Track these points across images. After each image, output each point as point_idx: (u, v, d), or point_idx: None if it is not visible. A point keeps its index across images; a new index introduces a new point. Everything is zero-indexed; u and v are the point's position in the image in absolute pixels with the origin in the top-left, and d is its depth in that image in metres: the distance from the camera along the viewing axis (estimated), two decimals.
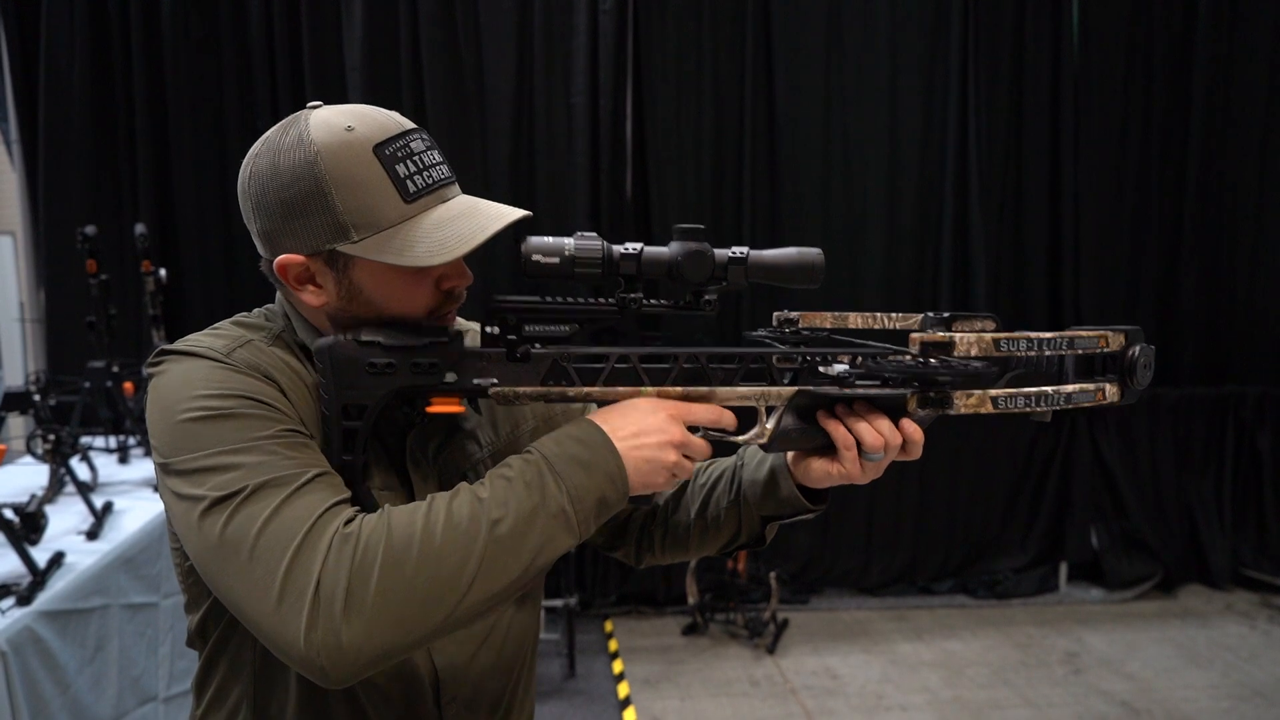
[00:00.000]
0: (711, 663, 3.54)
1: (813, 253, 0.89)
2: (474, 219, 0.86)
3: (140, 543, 2.36)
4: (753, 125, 3.98)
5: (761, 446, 0.91)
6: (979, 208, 4.09)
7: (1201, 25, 4.13)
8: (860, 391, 0.87)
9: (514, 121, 3.88)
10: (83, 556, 2.21)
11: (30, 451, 2.58)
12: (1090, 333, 0.83)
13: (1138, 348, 0.84)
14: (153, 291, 3.17)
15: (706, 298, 0.88)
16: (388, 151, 0.85)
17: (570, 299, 0.85)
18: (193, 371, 0.84)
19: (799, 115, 4.03)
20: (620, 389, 0.85)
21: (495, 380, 0.82)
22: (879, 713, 3.15)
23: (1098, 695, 3.27)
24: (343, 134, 0.85)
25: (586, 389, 0.84)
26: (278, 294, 0.98)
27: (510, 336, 0.83)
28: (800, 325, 0.91)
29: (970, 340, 0.77)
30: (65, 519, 2.45)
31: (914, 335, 0.80)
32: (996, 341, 0.78)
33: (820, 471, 0.96)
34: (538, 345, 0.84)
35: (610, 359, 0.85)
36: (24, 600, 1.91)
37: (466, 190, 0.93)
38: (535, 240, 0.82)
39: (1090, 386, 0.82)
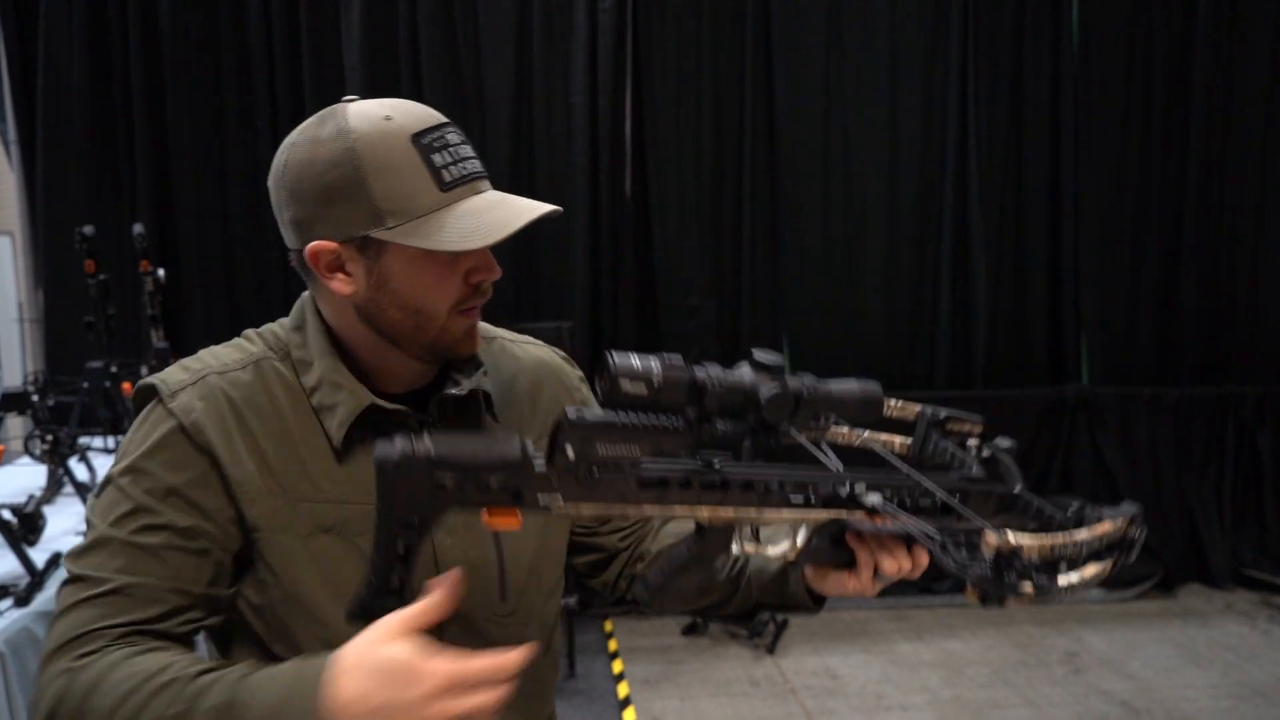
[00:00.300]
0: (711, 663, 3.53)
1: (871, 387, 0.90)
2: (505, 210, 0.87)
3: None
4: (752, 125, 3.97)
5: (789, 564, 0.93)
6: (979, 208, 4.09)
7: (1201, 25, 4.12)
8: (907, 530, 0.88)
9: (513, 121, 3.87)
10: None
11: (28, 452, 2.57)
12: (1109, 527, 0.88)
13: (1137, 531, 0.89)
14: (151, 291, 3.16)
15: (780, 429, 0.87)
16: (425, 141, 0.87)
17: (643, 417, 0.82)
18: (136, 429, 0.90)
19: (799, 115, 4.03)
20: (677, 508, 0.85)
21: (560, 497, 0.81)
22: (879, 713, 3.15)
23: (1098, 695, 3.27)
24: (381, 122, 0.87)
25: (646, 506, 0.84)
26: (303, 295, 0.99)
27: (582, 457, 0.81)
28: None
29: (1033, 549, 0.82)
30: (63, 520, 2.45)
31: (989, 537, 0.81)
32: (1051, 548, 0.84)
33: (836, 584, 0.97)
34: (608, 467, 0.82)
35: (672, 481, 0.84)
36: (22, 601, 1.90)
37: None
38: (622, 362, 0.78)
39: (1099, 569, 0.86)
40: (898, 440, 0.93)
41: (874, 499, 0.89)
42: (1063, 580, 0.83)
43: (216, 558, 0.87)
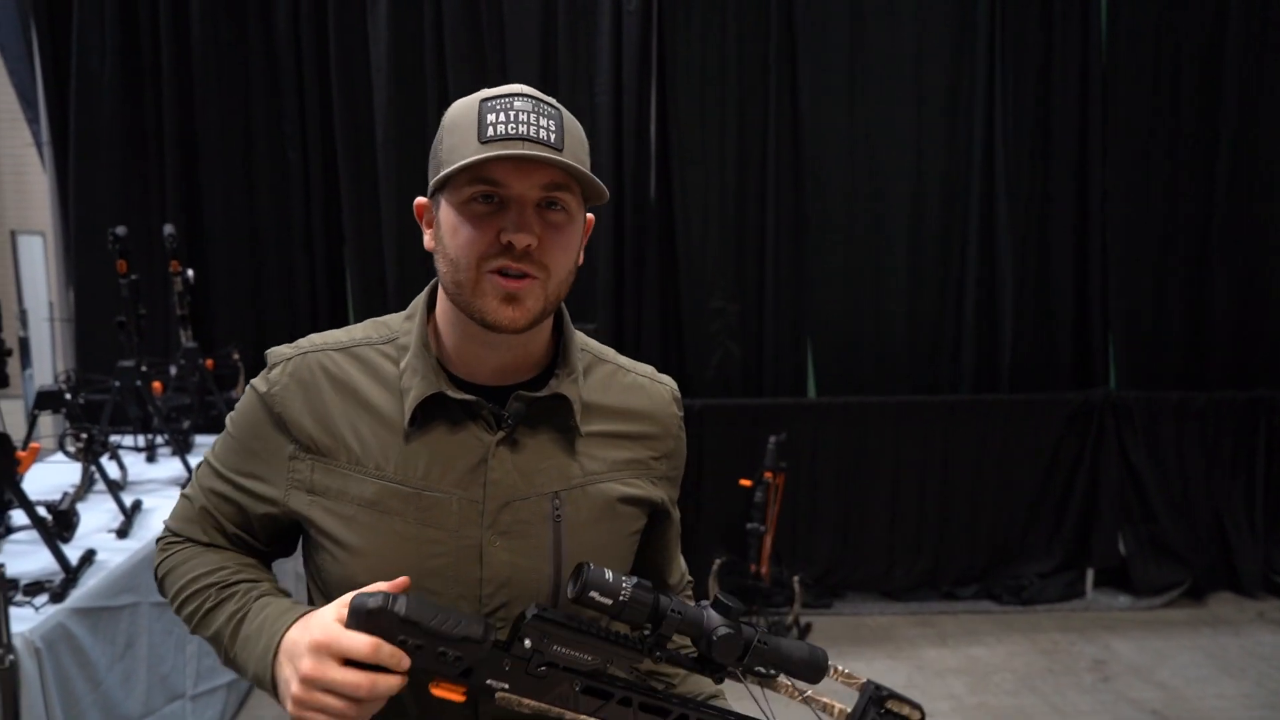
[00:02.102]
0: None
1: (820, 655, 0.93)
2: (509, 152, 0.88)
3: None
4: (777, 125, 3.96)
5: None
6: (1005, 208, 4.05)
7: (1233, 20, 4.07)
8: None
9: None
10: (113, 554, 2.23)
11: (62, 450, 2.60)
12: None
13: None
14: (180, 292, 3.20)
15: (721, 673, 0.92)
16: (489, 103, 0.92)
17: (603, 631, 0.87)
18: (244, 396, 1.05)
19: (823, 115, 4.01)
20: None
21: (506, 686, 0.84)
22: None
23: (1127, 703, 3.23)
24: (474, 94, 0.94)
25: (582, 717, 0.87)
26: (428, 287, 1.06)
27: (537, 653, 0.85)
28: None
29: None
30: (95, 517, 2.47)
31: None
32: None
33: None
34: (559, 667, 0.86)
35: (614, 697, 0.88)
36: (57, 597, 1.93)
37: None
38: (595, 574, 0.84)
39: None
40: (837, 707, 0.95)
41: None
42: None
43: (256, 512, 1.00)
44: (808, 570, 3.97)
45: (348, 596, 0.83)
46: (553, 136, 0.90)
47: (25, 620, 1.83)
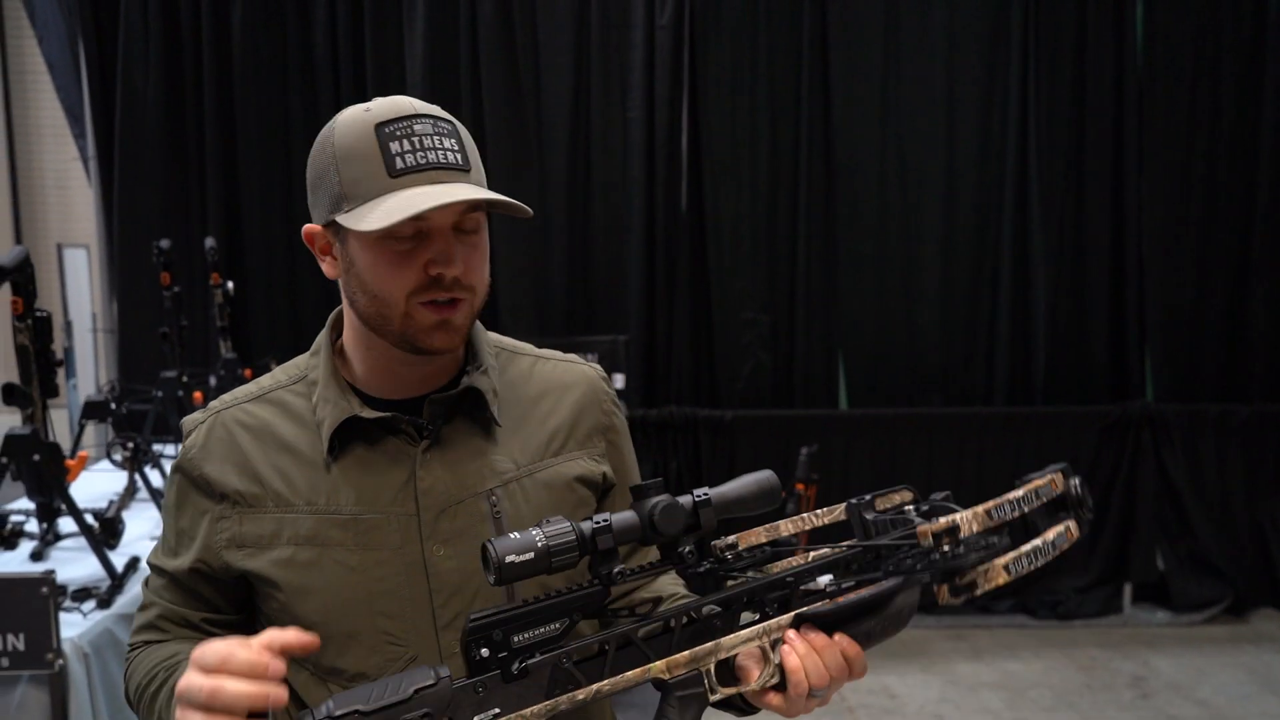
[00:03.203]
0: None
1: (765, 477, 0.86)
2: (437, 196, 0.86)
3: None
4: (808, 138, 3.97)
5: (774, 687, 0.85)
6: (1039, 218, 4.02)
7: (1271, 29, 4.01)
8: (856, 597, 0.85)
9: (571, 135, 3.92)
10: None
11: (109, 458, 2.65)
12: (1041, 480, 0.86)
13: (1075, 481, 0.86)
14: (221, 304, 3.26)
15: (684, 549, 0.83)
16: (387, 130, 0.89)
17: (551, 592, 0.80)
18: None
19: (855, 127, 4.01)
20: (629, 674, 0.80)
21: (497, 710, 0.76)
22: None
23: None
24: (360, 113, 0.91)
25: (596, 686, 0.78)
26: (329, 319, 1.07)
27: (501, 654, 0.77)
28: (740, 546, 0.86)
29: (968, 518, 0.79)
30: (138, 524, 2.52)
31: (921, 528, 0.79)
32: (989, 512, 0.81)
33: (768, 700, 0.87)
34: (535, 654, 0.78)
35: (611, 644, 0.80)
36: (104, 603, 1.97)
37: (520, 196, 0.95)
38: (500, 542, 0.76)
39: (1060, 528, 0.83)
40: (843, 545, 0.88)
41: (824, 579, 0.86)
42: (1027, 546, 0.80)
43: (206, 589, 0.98)
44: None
45: (199, 652, 0.76)
46: (458, 157, 0.90)
47: (74, 626, 1.87)
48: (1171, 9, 4.02)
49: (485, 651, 0.76)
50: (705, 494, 0.84)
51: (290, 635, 0.77)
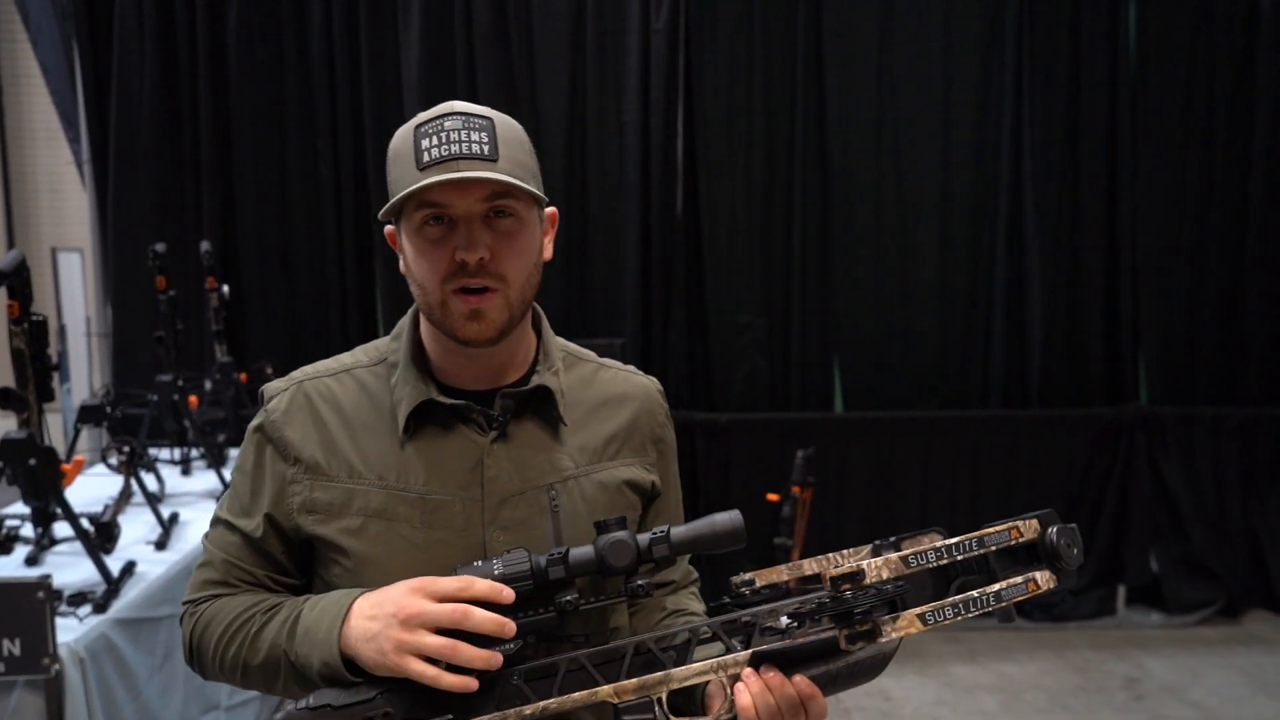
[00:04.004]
0: None
1: (728, 519, 0.89)
2: (444, 176, 0.92)
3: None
4: (803, 142, 3.98)
5: None
6: (1034, 224, 4.03)
7: (1263, 33, 4.04)
8: (808, 640, 0.85)
9: (567, 139, 3.92)
10: (152, 566, 2.27)
11: (105, 462, 2.65)
12: (999, 527, 0.86)
13: (1054, 530, 0.85)
14: (216, 307, 3.26)
15: (639, 583, 0.88)
16: (422, 129, 0.95)
17: (515, 614, 0.86)
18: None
19: (850, 133, 4.02)
20: (576, 695, 0.85)
21: (451, 716, 0.83)
22: None
23: None
24: (412, 122, 0.98)
25: (543, 703, 0.84)
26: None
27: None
28: (758, 584, 0.90)
29: (878, 564, 0.79)
30: (134, 529, 2.51)
31: (825, 573, 0.81)
32: (904, 559, 0.80)
33: None
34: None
35: (561, 665, 0.86)
36: (100, 608, 1.96)
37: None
38: (464, 569, 0.87)
39: (1019, 580, 0.83)
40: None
41: (784, 621, 0.88)
42: (956, 597, 0.80)
43: (275, 546, 1.02)
44: None
45: (419, 581, 0.88)
46: (485, 148, 0.94)
47: (70, 630, 1.87)
48: (1164, 14, 4.04)
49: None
50: (664, 531, 0.89)
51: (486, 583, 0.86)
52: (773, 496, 3.68)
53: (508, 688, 0.84)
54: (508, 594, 0.84)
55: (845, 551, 0.91)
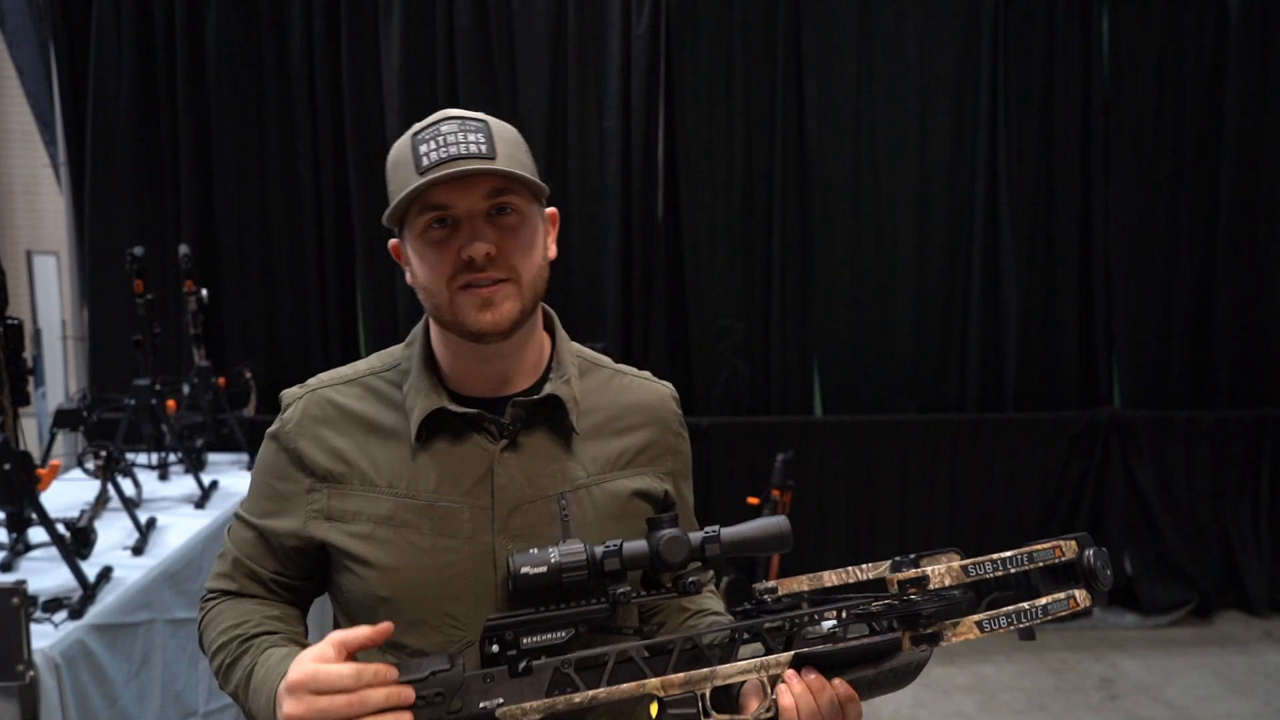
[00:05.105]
0: None
1: (777, 523, 0.92)
2: (441, 174, 0.93)
3: (183, 558, 2.39)
4: (783, 149, 4.01)
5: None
6: (1009, 229, 4.09)
7: (1233, 46, 4.11)
8: (856, 643, 0.89)
9: (548, 145, 3.93)
10: (129, 571, 2.25)
11: (81, 467, 2.62)
12: (1045, 545, 0.89)
13: (1090, 552, 0.89)
14: (195, 311, 3.23)
15: (691, 580, 0.91)
16: (419, 135, 0.97)
17: (562, 605, 0.88)
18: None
19: (829, 139, 4.06)
20: (624, 685, 0.86)
21: (501, 700, 0.84)
22: None
23: None
24: (409, 132, 0.99)
25: (592, 693, 0.85)
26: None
27: (510, 652, 0.86)
28: (780, 593, 0.92)
29: (941, 571, 0.84)
30: (110, 534, 2.49)
31: (889, 577, 0.85)
32: (965, 568, 0.84)
33: None
34: (541, 657, 0.86)
35: (611, 657, 0.87)
36: (76, 614, 1.94)
37: None
38: (520, 556, 0.88)
39: (1061, 596, 0.87)
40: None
41: (827, 624, 0.90)
42: (1009, 607, 0.84)
43: (285, 547, 1.04)
44: None
45: (331, 635, 0.86)
46: (482, 148, 0.95)
47: (45, 637, 1.85)
48: (1136, 23, 4.11)
49: (496, 647, 0.86)
50: (716, 533, 0.91)
51: (362, 633, 0.86)
52: (753, 500, 3.70)
53: (559, 675, 0.85)
54: (407, 694, 0.82)
55: (864, 566, 0.93)
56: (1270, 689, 3.47)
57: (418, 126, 0.98)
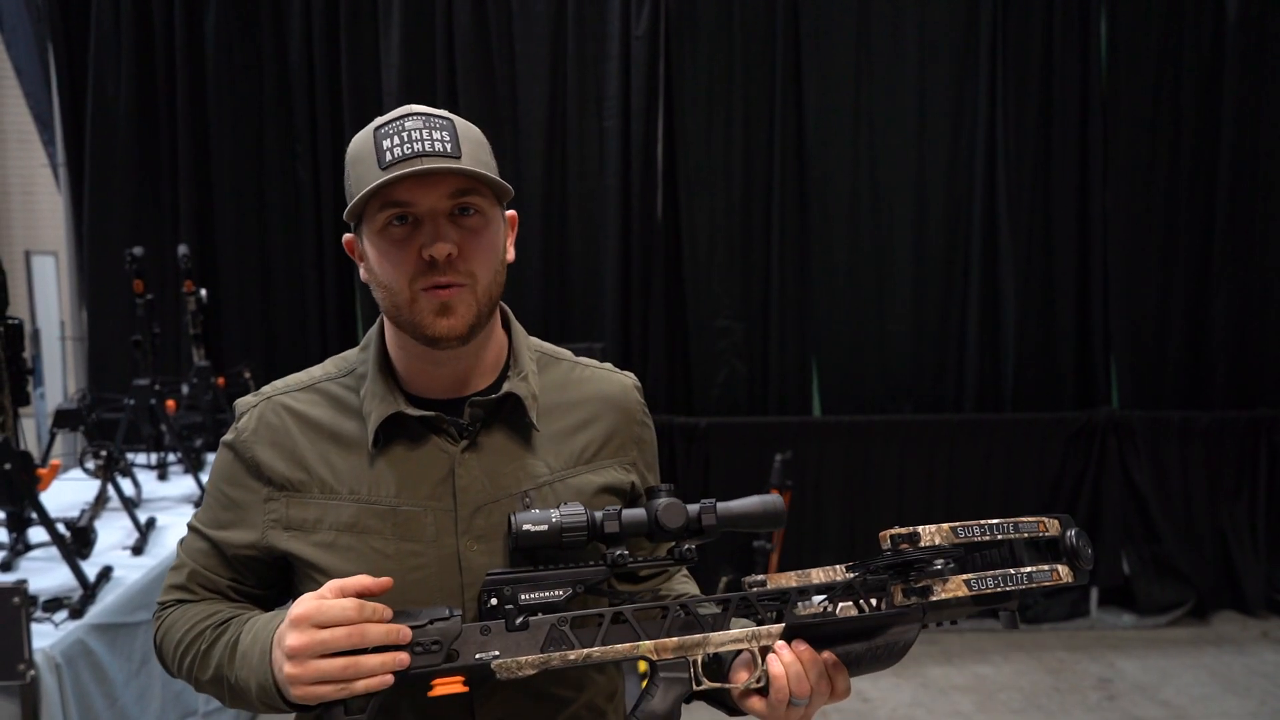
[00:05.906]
0: None
1: (771, 499, 0.95)
2: (406, 170, 0.92)
3: None
4: (782, 149, 4.02)
5: (757, 690, 0.91)
6: (1007, 230, 4.10)
7: (1231, 42, 4.12)
8: (846, 617, 0.91)
9: (547, 145, 3.94)
10: (129, 571, 2.26)
11: (81, 467, 2.63)
12: (1030, 519, 0.92)
13: (1073, 531, 0.91)
14: (194, 311, 3.24)
15: (686, 548, 0.93)
16: (383, 130, 0.95)
17: (561, 565, 0.90)
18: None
19: (828, 139, 4.06)
20: (619, 646, 0.88)
21: (497, 653, 0.86)
22: None
23: None
24: (371, 125, 0.98)
25: (587, 651, 0.87)
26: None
27: (508, 606, 0.88)
28: (769, 587, 0.94)
29: (931, 530, 0.86)
30: (110, 534, 2.50)
31: (882, 533, 0.88)
32: (954, 529, 0.87)
33: (751, 704, 0.93)
34: (538, 614, 0.88)
35: (605, 617, 0.89)
36: (76, 613, 1.95)
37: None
38: (521, 514, 0.90)
39: (1045, 567, 0.89)
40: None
41: (818, 598, 0.92)
42: (997, 571, 0.86)
43: (241, 558, 1.03)
44: None
45: (330, 581, 0.87)
46: (447, 146, 0.94)
47: (45, 636, 1.86)
48: (1134, 25, 4.12)
49: (494, 601, 0.88)
50: (712, 503, 0.93)
51: (362, 579, 0.86)
52: None
53: (554, 631, 0.87)
54: (405, 633, 0.84)
55: (851, 564, 0.96)
56: (1266, 689, 3.48)
57: (380, 121, 0.96)
